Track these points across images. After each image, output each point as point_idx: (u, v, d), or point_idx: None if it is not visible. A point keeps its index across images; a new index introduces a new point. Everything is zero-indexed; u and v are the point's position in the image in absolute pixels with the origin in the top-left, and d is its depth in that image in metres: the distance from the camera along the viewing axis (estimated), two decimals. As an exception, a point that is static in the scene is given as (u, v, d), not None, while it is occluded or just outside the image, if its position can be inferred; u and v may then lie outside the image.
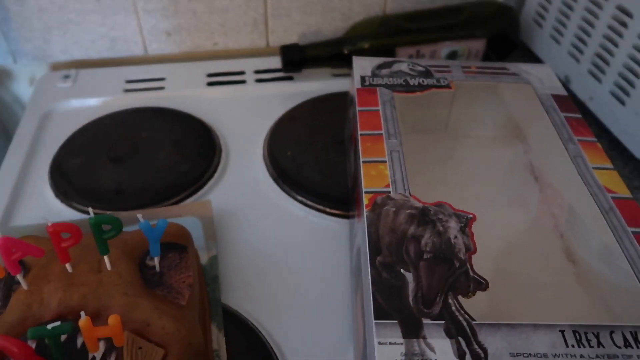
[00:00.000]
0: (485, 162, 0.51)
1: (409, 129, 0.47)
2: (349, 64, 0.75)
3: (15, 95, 0.82)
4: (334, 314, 0.45)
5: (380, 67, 0.56)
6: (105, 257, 0.37)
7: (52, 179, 0.58)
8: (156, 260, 0.39)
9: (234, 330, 0.43)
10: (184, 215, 0.51)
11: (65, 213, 0.54)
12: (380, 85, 0.52)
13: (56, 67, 0.79)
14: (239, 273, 0.48)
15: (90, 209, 0.35)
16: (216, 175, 0.59)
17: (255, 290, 0.47)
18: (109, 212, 0.52)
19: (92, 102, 0.71)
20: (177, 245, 0.42)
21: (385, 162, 0.43)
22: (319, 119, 0.68)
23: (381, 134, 0.46)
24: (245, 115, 0.70)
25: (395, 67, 0.56)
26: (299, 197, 0.56)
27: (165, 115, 0.68)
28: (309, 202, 0.55)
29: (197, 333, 0.37)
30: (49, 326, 0.30)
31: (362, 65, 0.56)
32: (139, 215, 0.36)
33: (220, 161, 0.61)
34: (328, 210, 0.55)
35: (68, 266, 0.37)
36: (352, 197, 0.50)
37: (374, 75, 0.54)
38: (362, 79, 0.54)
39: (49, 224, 0.34)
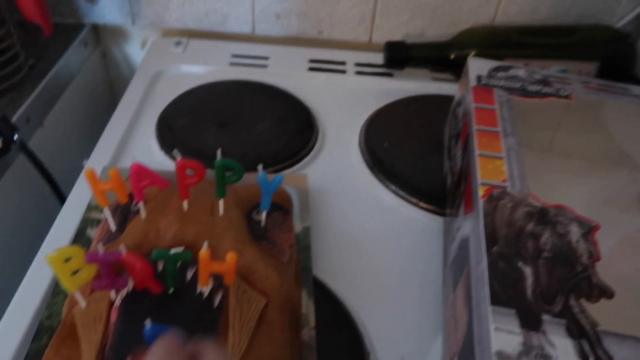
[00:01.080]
0: (591, 185, 0.48)
1: (525, 132, 0.46)
2: (451, 70, 0.75)
3: (125, 55, 0.86)
4: (422, 303, 0.44)
5: (497, 70, 0.55)
6: (220, 202, 0.38)
7: (158, 132, 0.60)
8: (263, 215, 0.40)
9: (322, 300, 0.43)
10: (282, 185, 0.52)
11: (167, 164, 0.56)
12: (496, 86, 0.51)
13: (168, 33, 0.83)
14: (328, 249, 0.49)
15: (218, 150, 0.36)
16: (312, 153, 0.60)
17: (342, 267, 0.47)
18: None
19: (199, 69, 0.74)
20: (281, 206, 0.43)
21: (502, 158, 0.42)
22: (417, 117, 0.67)
23: (497, 132, 0.45)
24: (343, 104, 0.70)
25: (512, 72, 0.55)
26: (393, 187, 0.56)
27: (268, 91, 0.69)
28: (402, 194, 0.55)
29: (296, 290, 0.38)
30: (172, 251, 0.31)
31: (478, 66, 0.55)
32: (260, 166, 0.37)
33: (317, 141, 0.62)
34: (421, 204, 0.54)
35: (185, 203, 0.38)
36: (453, 195, 0.49)
37: (489, 76, 0.53)
38: (478, 78, 0.53)
39: (179, 158, 0.35)
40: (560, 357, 0.28)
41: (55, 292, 0.41)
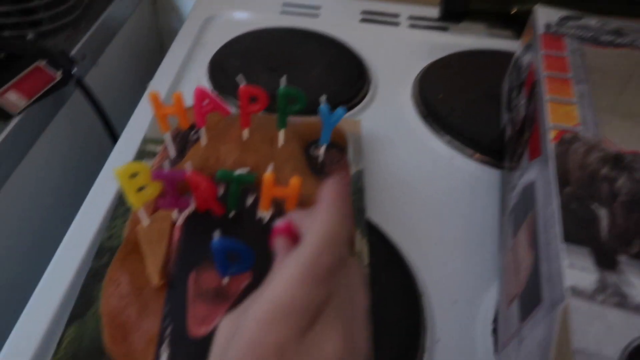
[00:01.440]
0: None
1: (597, 80, 0.43)
2: (511, 26, 0.71)
3: (175, 4, 0.86)
4: (475, 251, 0.44)
5: (566, 19, 0.52)
6: (280, 133, 0.38)
7: (210, 74, 0.60)
8: (322, 149, 0.40)
9: (375, 242, 0.42)
10: (335, 129, 0.51)
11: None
12: (567, 34, 0.49)
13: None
14: (381, 194, 0.48)
15: (283, 78, 0.35)
16: (364, 102, 0.59)
17: (395, 212, 0.46)
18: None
19: (250, 16, 0.73)
20: (338, 144, 0.42)
21: (574, 103, 0.40)
22: (472, 71, 0.65)
23: (568, 78, 0.43)
24: (395, 56, 0.68)
25: (583, 22, 0.51)
26: (447, 138, 0.54)
27: (319, 39, 0.68)
28: (456, 144, 0.54)
29: (351, 226, 0.37)
30: (236, 172, 0.31)
31: (547, 14, 0.52)
32: (322, 98, 0.36)
33: (369, 91, 0.61)
34: (476, 155, 0.52)
35: (246, 132, 0.38)
36: (514, 146, 0.47)
37: (559, 25, 0.51)
38: (547, 26, 0.50)
39: (243, 84, 0.35)
40: (639, 296, 0.27)
41: (115, 216, 0.42)
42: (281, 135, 0.38)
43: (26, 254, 0.53)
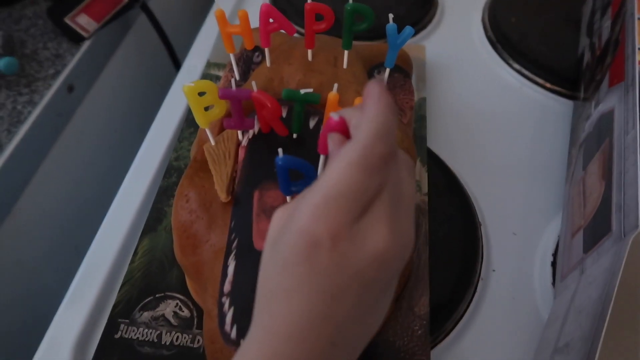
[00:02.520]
0: None
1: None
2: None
3: None
4: (538, 184, 0.42)
5: None
6: (345, 54, 0.37)
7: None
8: (386, 73, 0.38)
9: (435, 171, 0.42)
10: (398, 54, 0.50)
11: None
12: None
13: None
14: (444, 122, 0.47)
15: (351, -6, 0.34)
16: (430, 26, 0.56)
17: (457, 141, 0.45)
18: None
19: None
20: (402, 68, 0.41)
21: (667, 23, 0.36)
22: (551, -7, 0.60)
23: (664, -4, 0.38)
24: (465, -23, 0.64)
25: None
26: (517, 66, 0.51)
27: (385, -41, 0.64)
28: (527, 73, 0.51)
29: (414, 150, 0.37)
30: (302, 91, 0.31)
31: None
32: (391, 16, 0.35)
33: (436, 14, 0.57)
34: (548, 85, 0.49)
35: (310, 53, 0.37)
36: (592, 73, 0.44)
37: None
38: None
39: (309, 1, 0.34)
40: None
41: (181, 138, 0.43)
42: (345, 56, 0.37)
43: (100, 174, 0.57)
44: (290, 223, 0.20)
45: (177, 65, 0.64)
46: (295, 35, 0.38)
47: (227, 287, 0.28)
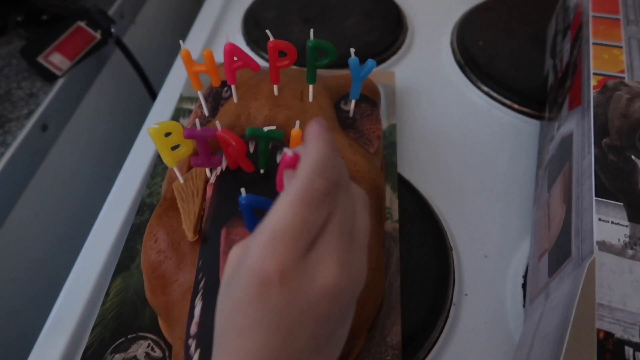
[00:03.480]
0: None
1: (652, 20, 0.40)
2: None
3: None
4: (508, 205, 0.43)
5: (621, -48, 0.48)
6: (310, 88, 0.37)
7: (244, 27, 0.60)
8: (352, 104, 0.39)
9: (406, 196, 0.42)
10: (368, 81, 0.51)
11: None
12: (620, -30, 0.45)
13: None
14: (414, 147, 0.47)
15: (311, 31, 0.35)
16: (400, 52, 0.57)
17: (428, 166, 0.46)
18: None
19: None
20: (369, 98, 0.42)
21: (620, 47, 0.37)
22: (518, 14, 0.61)
23: (618, 19, 0.40)
24: (435, 1, 0.65)
25: (640, -45, 0.47)
26: (485, 88, 0.52)
27: (355, -14, 0.66)
28: (495, 95, 0.52)
29: (382, 180, 0.37)
30: (265, 129, 0.32)
31: (598, -52, 0.48)
32: (352, 50, 0.35)
33: (406, 39, 0.59)
34: (515, 106, 0.50)
35: (275, 88, 0.38)
36: (555, 95, 0.45)
37: (611, -40, 0.46)
38: (598, -39, 0.46)
39: (271, 39, 0.35)
40: (673, 251, 0.26)
41: (154, 174, 0.44)
42: (311, 90, 0.37)
43: (73, 212, 0.57)
44: (242, 262, 0.20)
45: (154, 97, 0.65)
46: (265, 65, 0.38)
47: (193, 328, 0.28)
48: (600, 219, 0.27)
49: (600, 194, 0.29)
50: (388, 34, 0.58)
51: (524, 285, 0.38)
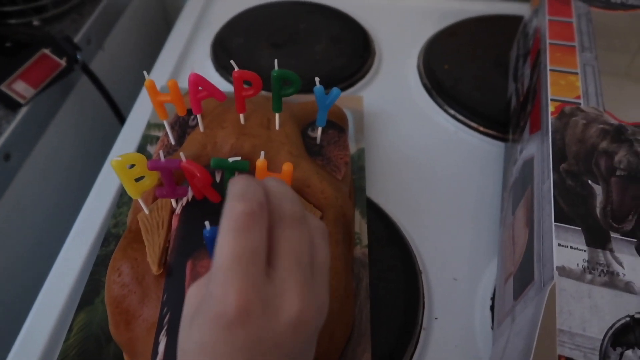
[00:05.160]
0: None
1: (605, 46, 0.42)
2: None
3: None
4: (476, 227, 0.43)
5: (575, -19, 0.50)
6: (276, 116, 0.38)
7: (213, 53, 0.60)
8: (319, 131, 0.40)
9: (375, 220, 0.43)
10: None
11: (223, 85, 0.56)
12: (575, -3, 0.47)
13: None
14: (382, 171, 0.48)
15: (275, 61, 0.35)
16: (368, 76, 0.58)
17: (396, 189, 0.46)
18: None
19: (253, -10, 0.72)
20: (336, 124, 0.42)
21: (576, 73, 0.39)
22: (481, 39, 0.63)
23: (573, 46, 0.41)
24: (402, 25, 0.67)
25: (593, -17, 0.49)
26: (451, 111, 0.53)
27: (324, 11, 0.67)
28: (461, 118, 0.53)
29: (350, 207, 0.37)
30: (230, 159, 0.32)
31: (555, -24, 0.50)
32: (317, 79, 0.36)
33: (374, 63, 0.60)
34: (481, 129, 0.52)
35: (242, 117, 0.38)
36: (517, 118, 0.46)
37: (567, -12, 0.48)
38: (554, -11, 0.48)
39: (235, 70, 0.35)
40: (628, 274, 0.26)
41: (120, 204, 0.43)
42: (277, 118, 0.38)
43: (38, 243, 0.56)
44: (203, 302, 0.20)
45: (122, 122, 0.64)
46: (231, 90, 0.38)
47: (157, 366, 0.27)
48: (559, 244, 0.28)
49: (560, 219, 0.29)
50: (356, 58, 0.59)
51: (492, 308, 0.38)
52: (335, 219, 0.35)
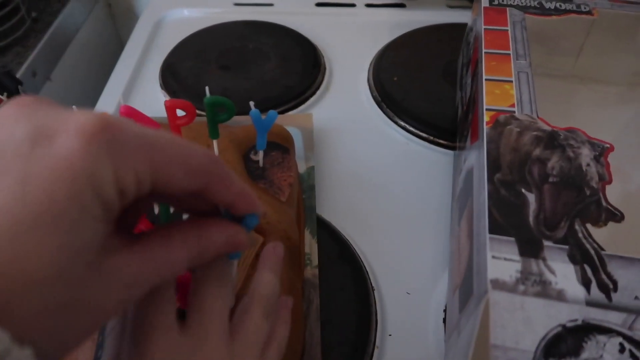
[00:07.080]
0: (619, 102, 0.45)
1: (540, 52, 0.43)
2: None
3: (131, 4, 0.85)
4: (429, 240, 0.43)
5: (512, -12, 0.50)
6: (215, 142, 0.37)
7: (162, 78, 0.60)
8: (260, 154, 0.39)
9: (327, 239, 0.42)
10: (286, 125, 0.51)
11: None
12: (510, 5, 0.47)
13: (171, -22, 0.80)
14: (334, 188, 0.48)
15: (207, 88, 0.35)
16: (318, 92, 0.58)
17: (348, 206, 0.46)
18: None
19: (202, 12, 0.72)
20: (280, 145, 0.42)
21: (511, 81, 0.39)
22: (430, 48, 0.64)
23: (508, 54, 0.42)
24: (352, 39, 0.67)
25: (529, -10, 0.50)
26: (402, 123, 0.54)
27: (273, 30, 0.67)
28: (411, 129, 0.53)
29: (295, 230, 0.37)
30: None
31: (491, -15, 0.51)
32: (252, 103, 0.36)
33: (324, 79, 0.60)
34: (431, 138, 0.52)
35: (179, 146, 0.37)
36: (462, 127, 0.46)
37: (504, -5, 0.49)
38: (491, -3, 0.49)
39: (167, 99, 0.34)
40: (560, 282, 0.27)
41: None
42: (215, 145, 0.37)
43: None
44: None
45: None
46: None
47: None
48: (493, 257, 0.28)
49: (494, 230, 0.29)
50: (306, 75, 0.59)
51: (444, 320, 0.38)
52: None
